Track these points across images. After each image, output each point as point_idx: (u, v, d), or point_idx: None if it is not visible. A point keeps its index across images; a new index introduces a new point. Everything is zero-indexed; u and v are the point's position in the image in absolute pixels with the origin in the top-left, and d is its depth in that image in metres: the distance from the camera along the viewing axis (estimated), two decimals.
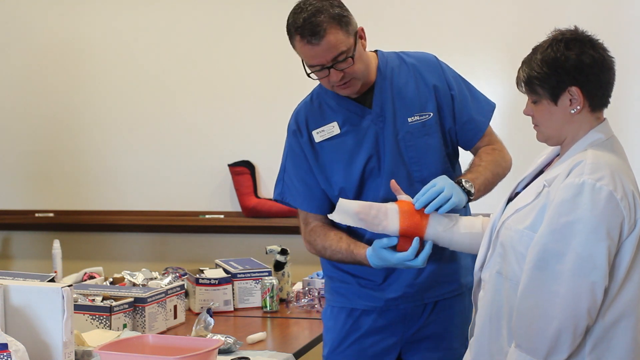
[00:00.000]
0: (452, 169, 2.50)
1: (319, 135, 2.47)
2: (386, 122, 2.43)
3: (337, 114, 2.46)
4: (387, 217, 2.26)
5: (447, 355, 2.52)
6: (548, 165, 2.14)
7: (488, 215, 2.32)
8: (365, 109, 2.45)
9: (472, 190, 2.32)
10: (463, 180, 2.32)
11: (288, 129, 2.53)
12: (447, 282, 2.50)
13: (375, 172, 2.44)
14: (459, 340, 2.53)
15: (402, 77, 2.47)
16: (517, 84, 2.06)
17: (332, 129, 2.46)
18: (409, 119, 2.44)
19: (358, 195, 2.45)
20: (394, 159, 2.42)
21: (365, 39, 2.39)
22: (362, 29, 2.38)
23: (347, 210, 2.29)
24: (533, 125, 2.07)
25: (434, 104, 2.46)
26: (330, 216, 2.33)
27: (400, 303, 2.48)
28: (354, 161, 2.44)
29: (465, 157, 2.58)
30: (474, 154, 2.55)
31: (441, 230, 2.25)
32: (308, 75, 2.37)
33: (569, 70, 1.96)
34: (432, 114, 2.45)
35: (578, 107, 1.98)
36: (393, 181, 2.33)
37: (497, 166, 2.48)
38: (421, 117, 2.45)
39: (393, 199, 2.35)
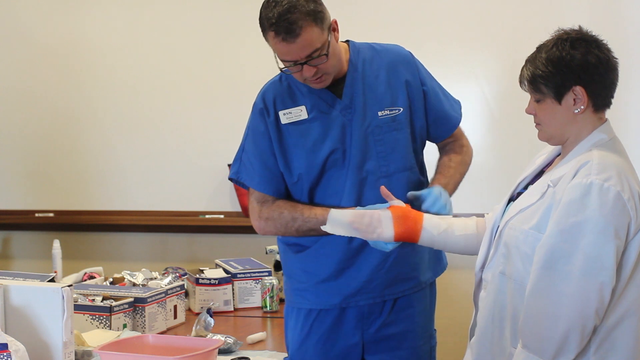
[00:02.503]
0: (416, 164, 2.49)
1: (285, 117, 2.42)
2: (355, 114, 2.41)
3: (307, 99, 2.42)
4: (381, 223, 2.25)
5: (412, 353, 2.52)
6: (548, 165, 2.14)
7: (482, 215, 2.33)
8: (336, 98, 2.42)
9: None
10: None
11: (253, 107, 2.47)
12: (406, 278, 2.48)
13: (339, 163, 2.41)
14: (423, 338, 2.56)
15: (373, 70, 2.45)
16: (520, 82, 2.05)
17: (300, 112, 2.42)
18: (379, 113, 2.42)
19: (316, 185, 2.42)
20: (361, 152, 2.40)
21: (338, 31, 2.37)
22: (336, 22, 2.36)
23: (339, 221, 2.27)
24: (535, 124, 2.07)
25: (405, 98, 2.45)
26: (323, 228, 2.30)
27: (359, 299, 2.45)
28: (318, 149, 2.41)
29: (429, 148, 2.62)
30: (440, 147, 2.59)
31: (436, 234, 2.25)
32: (281, 69, 2.35)
33: (574, 70, 1.96)
34: (402, 109, 2.44)
35: (582, 107, 1.98)
36: (383, 187, 2.32)
37: (465, 166, 2.57)
38: (391, 112, 2.43)
39: (358, 192, 2.37)
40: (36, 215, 4.57)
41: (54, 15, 4.52)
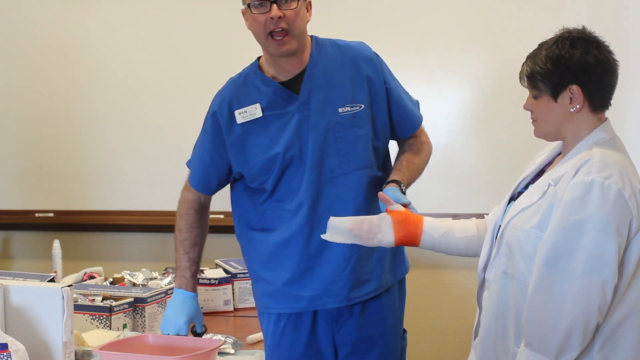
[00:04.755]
0: (376, 162, 2.47)
1: (241, 116, 2.43)
2: (311, 111, 2.39)
3: (262, 96, 2.42)
4: (381, 229, 2.24)
5: (383, 356, 2.51)
6: (549, 164, 2.14)
7: (482, 216, 2.32)
8: (293, 94, 2.40)
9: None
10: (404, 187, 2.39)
11: (209, 108, 2.51)
12: (368, 280, 2.47)
13: (296, 160, 2.40)
14: (394, 340, 2.54)
15: (335, 66, 2.43)
16: (520, 78, 2.06)
17: (255, 111, 2.41)
18: (340, 109, 2.40)
19: (277, 183, 2.42)
20: (319, 149, 2.39)
21: (310, 13, 2.38)
22: (310, 3, 2.37)
23: (339, 229, 2.25)
24: (531, 120, 2.08)
25: (366, 95, 2.43)
26: (323, 236, 2.27)
27: (326, 302, 2.44)
28: (274, 147, 2.40)
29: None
30: (401, 144, 2.59)
31: (437, 237, 2.25)
32: (248, 5, 2.31)
33: (572, 69, 1.96)
34: (363, 106, 2.42)
35: (577, 106, 1.98)
36: (381, 193, 2.31)
37: (425, 163, 2.57)
38: (352, 108, 2.41)
39: (316, 190, 2.37)
40: (36, 215, 4.56)
41: (54, 16, 4.52)
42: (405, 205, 2.30)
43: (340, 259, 2.42)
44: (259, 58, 2.50)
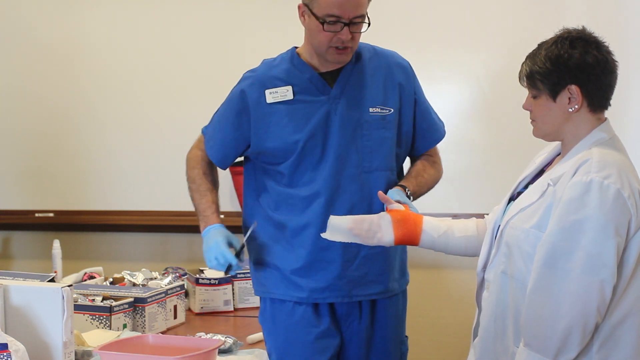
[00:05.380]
0: (396, 168, 2.52)
1: (271, 96, 2.45)
2: (341, 105, 2.42)
3: (297, 80, 2.45)
4: (380, 228, 2.25)
5: (383, 357, 2.52)
6: (549, 164, 2.14)
7: (482, 216, 2.32)
8: (327, 86, 2.44)
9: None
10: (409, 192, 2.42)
11: (239, 83, 2.53)
12: (375, 282, 2.49)
13: (318, 151, 2.42)
14: (395, 343, 2.56)
15: (371, 68, 2.48)
16: (520, 78, 2.07)
17: (286, 92, 2.44)
18: (370, 109, 2.44)
19: (295, 169, 2.44)
20: (344, 143, 2.42)
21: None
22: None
23: (339, 228, 2.27)
24: (530, 120, 2.08)
25: (396, 101, 2.48)
26: (323, 235, 2.30)
27: (328, 296, 2.46)
28: (297, 132, 2.42)
29: None
30: (414, 160, 2.62)
31: (436, 236, 2.25)
32: (322, 23, 2.32)
33: (570, 68, 1.97)
34: (392, 110, 2.47)
35: (576, 106, 1.99)
36: (381, 192, 2.33)
37: (434, 181, 2.62)
38: (382, 110, 2.46)
39: (336, 183, 2.38)
40: (36, 215, 4.56)
41: (54, 16, 4.52)
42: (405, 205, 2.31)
43: (349, 254, 2.44)
44: (295, 47, 2.53)
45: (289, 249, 2.46)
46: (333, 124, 2.41)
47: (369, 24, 2.36)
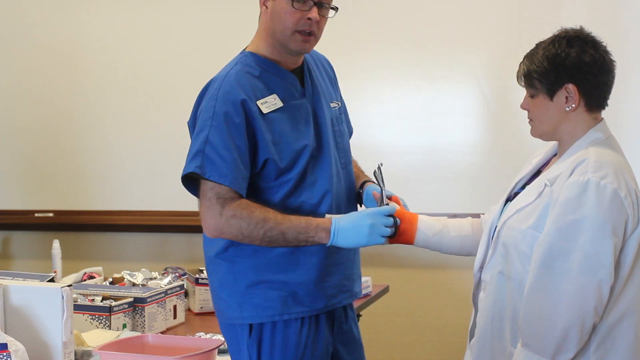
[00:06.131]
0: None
1: (264, 106, 2.25)
2: (316, 104, 2.35)
3: (277, 87, 2.30)
4: None
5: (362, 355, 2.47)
6: (545, 165, 2.14)
7: (478, 216, 2.33)
8: (300, 86, 2.34)
9: None
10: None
11: (226, 97, 2.21)
12: (359, 277, 2.45)
13: (317, 153, 2.31)
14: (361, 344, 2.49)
15: (312, 64, 2.42)
16: (517, 77, 2.07)
17: (275, 101, 2.28)
18: (332, 104, 2.41)
19: (301, 176, 2.26)
20: (331, 141, 2.35)
21: None
22: None
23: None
24: (528, 120, 2.08)
25: (339, 95, 2.48)
26: None
27: (341, 300, 2.35)
28: (302, 138, 2.29)
29: None
30: None
31: (431, 235, 2.25)
32: (291, 0, 2.21)
33: (567, 67, 1.97)
34: (340, 104, 2.46)
35: (573, 105, 1.99)
36: (375, 192, 2.30)
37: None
38: (336, 104, 2.43)
39: (336, 181, 2.31)
40: (36, 215, 4.57)
41: (54, 15, 4.52)
42: (395, 201, 2.31)
43: (352, 253, 2.37)
44: (247, 51, 2.36)
45: (297, 261, 2.28)
46: (321, 124, 2.34)
47: (336, 10, 2.28)
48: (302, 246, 2.21)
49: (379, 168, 2.28)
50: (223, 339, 2.54)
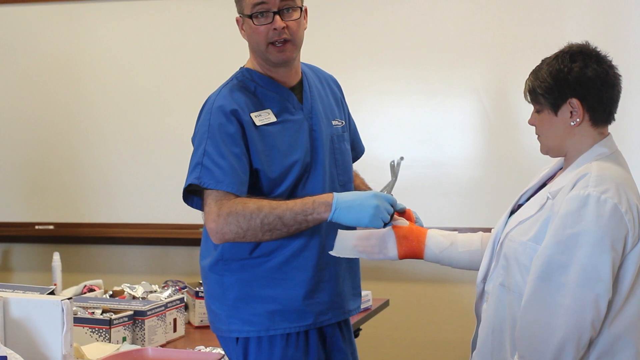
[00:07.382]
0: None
1: (258, 119, 2.28)
2: (315, 120, 2.36)
3: (272, 102, 2.32)
4: (385, 244, 2.25)
5: None
6: (551, 178, 2.15)
7: (489, 230, 2.33)
8: (298, 103, 2.36)
9: None
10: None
11: (220, 109, 2.26)
12: (355, 294, 2.45)
13: (309, 169, 2.32)
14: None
15: (315, 81, 2.44)
16: (524, 93, 2.08)
17: (268, 115, 2.30)
18: (333, 122, 2.41)
19: (292, 191, 2.27)
20: (327, 159, 2.35)
21: (306, 19, 2.33)
22: (306, 10, 2.33)
23: (345, 244, 2.25)
24: (536, 136, 2.09)
25: (342, 113, 2.48)
26: (331, 253, 2.24)
27: (331, 317, 2.34)
28: (293, 153, 2.30)
29: None
30: None
31: (438, 252, 2.26)
32: (249, 17, 2.23)
33: (570, 82, 1.98)
34: (344, 123, 2.46)
35: (578, 120, 2.00)
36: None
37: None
38: (339, 123, 2.44)
39: None
40: (36, 227, 4.57)
41: (55, 28, 4.54)
42: (409, 218, 2.31)
43: (342, 271, 2.38)
44: (245, 68, 2.40)
45: (285, 277, 2.29)
46: (317, 140, 2.35)
47: (302, 9, 2.27)
48: (303, 229, 2.19)
49: (400, 160, 2.28)
50: (223, 352, 2.54)
